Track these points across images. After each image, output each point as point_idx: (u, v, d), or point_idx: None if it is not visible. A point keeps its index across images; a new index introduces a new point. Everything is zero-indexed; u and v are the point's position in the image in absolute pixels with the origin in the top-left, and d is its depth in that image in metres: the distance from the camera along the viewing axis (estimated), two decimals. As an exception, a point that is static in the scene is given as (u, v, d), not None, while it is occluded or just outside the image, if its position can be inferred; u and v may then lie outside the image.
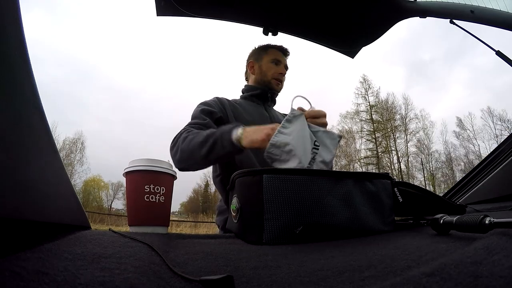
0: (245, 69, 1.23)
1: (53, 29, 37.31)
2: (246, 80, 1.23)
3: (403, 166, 23.07)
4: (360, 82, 24.65)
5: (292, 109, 0.71)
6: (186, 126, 0.93)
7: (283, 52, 1.17)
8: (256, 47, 1.20)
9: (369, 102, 24.27)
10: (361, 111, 24.50)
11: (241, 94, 1.18)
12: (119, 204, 27.73)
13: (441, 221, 0.45)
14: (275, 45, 1.17)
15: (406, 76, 34.29)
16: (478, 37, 1.31)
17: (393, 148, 23.48)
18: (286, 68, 1.16)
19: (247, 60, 1.21)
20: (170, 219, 0.65)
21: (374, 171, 3.09)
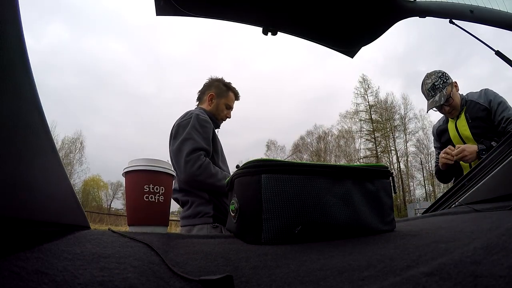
0: (203, 89, 1.47)
1: (72, 39, 38.20)
2: (199, 99, 1.48)
3: (402, 166, 23.12)
4: (360, 82, 24.69)
5: None
6: (200, 151, 1.18)
7: (237, 98, 1.50)
8: (219, 82, 1.46)
9: (368, 102, 24.30)
10: (360, 110, 24.55)
11: (203, 114, 1.33)
12: (118, 203, 27.78)
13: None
14: (234, 90, 1.47)
15: (403, 86, 34.68)
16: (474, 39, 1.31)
17: (392, 148, 23.51)
18: (231, 109, 1.50)
19: (208, 88, 1.45)
20: (170, 218, 0.65)
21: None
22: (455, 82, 1.51)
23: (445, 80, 1.48)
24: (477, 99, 1.48)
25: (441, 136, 1.65)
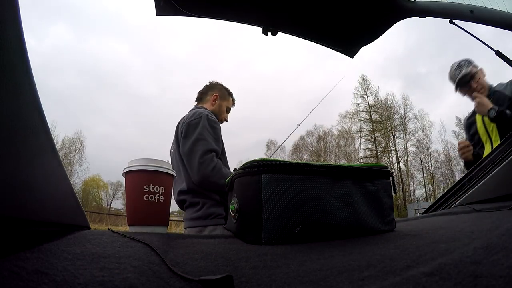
0: (205, 89, 1.50)
1: (73, 40, 38.55)
2: (200, 99, 1.51)
3: (402, 166, 23.12)
4: (359, 82, 24.70)
5: None
6: (213, 152, 1.19)
7: (233, 104, 1.58)
8: (221, 85, 1.52)
9: (368, 102, 24.31)
10: (360, 111, 24.55)
11: (211, 114, 1.35)
12: (118, 203, 27.79)
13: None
14: (232, 96, 1.55)
15: (402, 86, 34.77)
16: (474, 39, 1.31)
17: (392, 148, 23.51)
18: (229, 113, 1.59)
19: (211, 89, 1.49)
20: (170, 218, 0.65)
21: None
22: (482, 70, 1.54)
23: (470, 62, 1.54)
24: (504, 89, 1.45)
25: (470, 128, 1.64)
